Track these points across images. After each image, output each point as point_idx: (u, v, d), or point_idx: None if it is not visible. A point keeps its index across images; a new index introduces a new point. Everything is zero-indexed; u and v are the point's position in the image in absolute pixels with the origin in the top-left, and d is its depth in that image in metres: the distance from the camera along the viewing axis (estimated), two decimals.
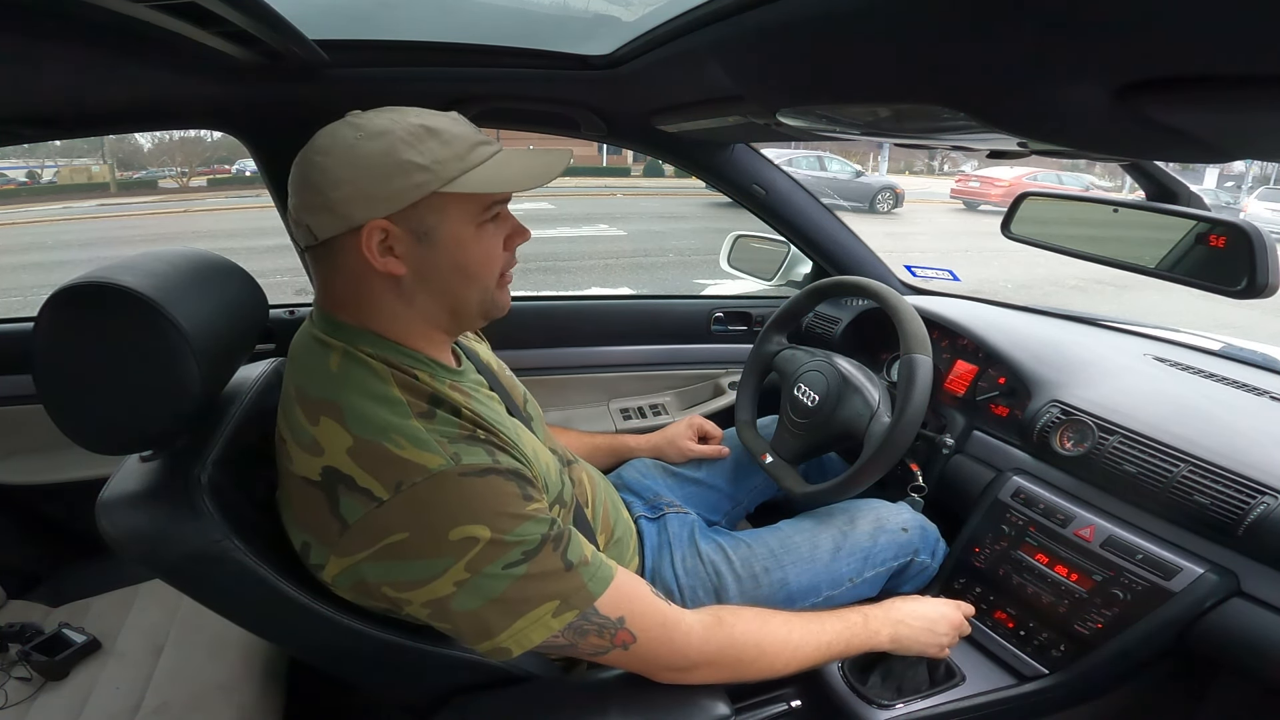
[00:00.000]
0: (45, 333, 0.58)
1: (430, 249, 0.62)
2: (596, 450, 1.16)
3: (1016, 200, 1.12)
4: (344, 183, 0.58)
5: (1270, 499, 0.79)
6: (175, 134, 16.95)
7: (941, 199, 14.39)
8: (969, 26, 0.46)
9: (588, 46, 1.04)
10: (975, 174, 13.85)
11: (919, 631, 0.85)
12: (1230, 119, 0.44)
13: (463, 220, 0.63)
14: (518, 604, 0.59)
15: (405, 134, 0.59)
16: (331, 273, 0.64)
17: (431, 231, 0.62)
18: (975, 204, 13.28)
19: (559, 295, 2.04)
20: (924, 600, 0.90)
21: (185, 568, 0.62)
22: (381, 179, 0.58)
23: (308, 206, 0.60)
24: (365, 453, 0.58)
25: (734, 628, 0.71)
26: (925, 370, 0.96)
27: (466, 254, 0.64)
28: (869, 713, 0.91)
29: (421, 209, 0.60)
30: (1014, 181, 12.64)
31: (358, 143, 0.59)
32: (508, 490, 0.60)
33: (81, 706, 0.90)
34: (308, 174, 0.60)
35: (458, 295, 0.66)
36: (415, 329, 0.66)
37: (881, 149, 19.61)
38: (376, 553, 0.58)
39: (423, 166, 0.59)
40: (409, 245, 0.62)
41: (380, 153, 0.58)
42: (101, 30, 0.64)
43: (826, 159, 12.82)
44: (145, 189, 15.23)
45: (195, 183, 15.90)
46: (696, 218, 10.42)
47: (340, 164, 0.59)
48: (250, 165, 15.73)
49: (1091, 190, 12.16)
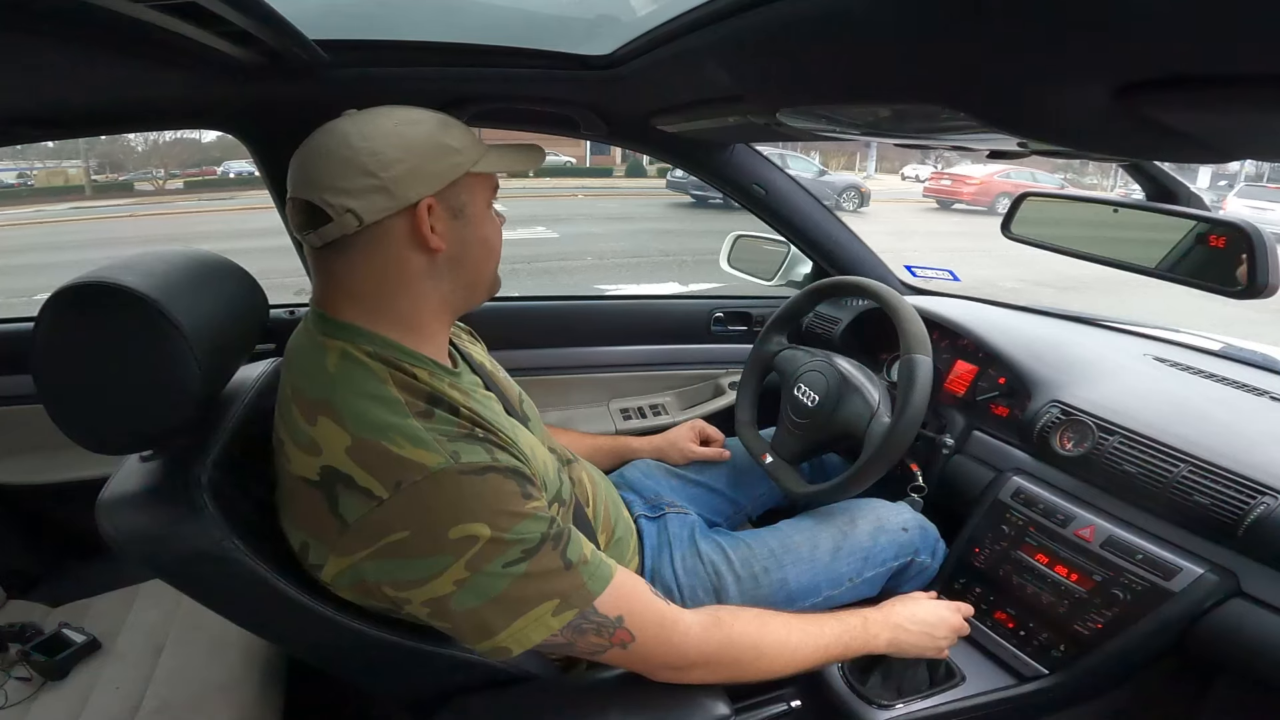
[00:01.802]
0: (45, 332, 0.57)
1: (465, 225, 0.67)
2: (598, 450, 1.16)
3: (1017, 200, 1.12)
4: (396, 163, 0.61)
5: (1270, 499, 0.79)
6: (170, 135, 16.97)
7: (917, 198, 14.27)
8: (969, 27, 0.46)
9: (588, 46, 1.03)
10: (947, 172, 13.64)
11: (917, 636, 0.86)
12: (1230, 119, 0.44)
13: (483, 200, 0.69)
14: (517, 603, 0.59)
15: (436, 122, 0.65)
16: (357, 263, 0.63)
17: (465, 208, 0.67)
18: (949, 203, 13.12)
19: (559, 295, 2.04)
20: (922, 602, 0.90)
21: (185, 568, 0.62)
22: (431, 158, 0.63)
23: (352, 191, 0.60)
24: (364, 452, 0.58)
25: (732, 628, 0.71)
26: (925, 370, 0.96)
27: (488, 230, 0.70)
28: (869, 713, 0.91)
29: (458, 188, 0.66)
30: (985, 180, 12.48)
31: (399, 128, 0.63)
32: (507, 488, 0.60)
33: (81, 706, 0.90)
34: (352, 159, 0.60)
35: (480, 269, 0.71)
36: (426, 319, 0.68)
37: (869, 149, 19.48)
38: (376, 552, 0.58)
39: (457, 149, 0.65)
40: (448, 222, 0.66)
41: (426, 135, 0.63)
42: (102, 30, 0.64)
43: (791, 158, 12.61)
44: (121, 192, 15.12)
45: (172, 185, 15.80)
46: (647, 219, 10.33)
47: (390, 146, 0.62)
48: (235, 167, 15.54)
49: (1066, 188, 12.05)
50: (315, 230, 0.62)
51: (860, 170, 21.64)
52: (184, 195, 14.84)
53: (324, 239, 0.62)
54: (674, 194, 12.29)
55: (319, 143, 0.62)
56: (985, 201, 12.67)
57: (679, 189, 11.92)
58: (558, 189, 14.28)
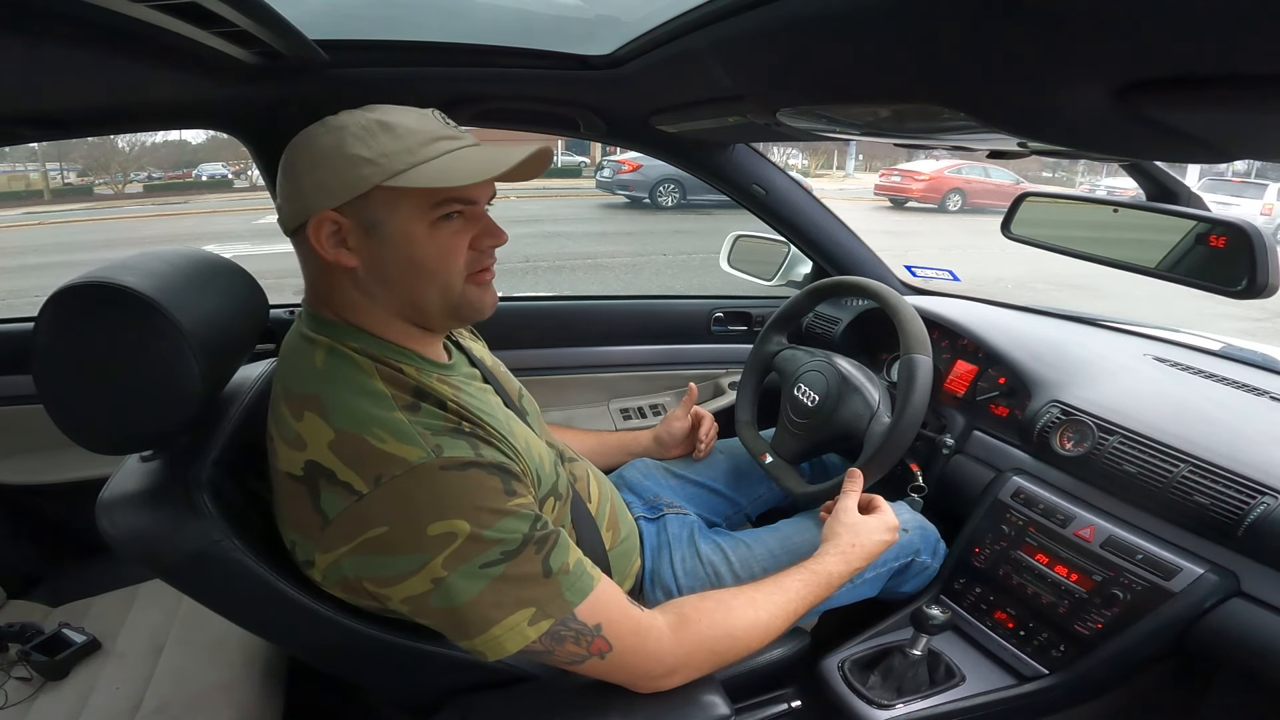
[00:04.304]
0: (45, 332, 0.58)
1: (380, 243, 0.62)
2: (603, 445, 1.16)
3: (1016, 201, 1.12)
4: (302, 174, 0.61)
5: (1270, 499, 0.79)
6: (159, 137, 16.94)
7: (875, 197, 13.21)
8: (969, 27, 0.46)
9: (588, 46, 1.04)
10: (897, 168, 12.76)
11: (861, 550, 0.85)
12: (1230, 119, 0.44)
13: (413, 216, 0.62)
14: (492, 607, 0.58)
15: (357, 128, 0.60)
16: (303, 265, 0.67)
17: (381, 225, 0.62)
18: (902, 200, 12.30)
19: (559, 295, 2.04)
20: (844, 523, 0.88)
21: (185, 568, 0.62)
22: (330, 171, 0.60)
23: (282, 199, 0.64)
24: (346, 446, 0.58)
25: (699, 624, 0.70)
26: (925, 370, 0.96)
27: (418, 250, 0.63)
28: (869, 713, 0.91)
29: (372, 202, 0.61)
30: (935, 175, 11.79)
31: (316, 137, 0.62)
32: (489, 484, 0.60)
33: (81, 706, 0.90)
34: (283, 169, 0.64)
35: (414, 291, 0.65)
36: (388, 323, 0.67)
37: (848, 147, 19.14)
38: (356, 547, 0.58)
39: (367, 160, 0.59)
40: (359, 238, 0.62)
41: (331, 146, 0.60)
42: (101, 30, 0.64)
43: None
44: (80, 196, 14.94)
45: (131, 189, 15.70)
46: (559, 220, 9.85)
47: (301, 157, 0.62)
48: (208, 169, 15.46)
49: (1022, 183, 11.43)
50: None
51: (839, 169, 21.32)
52: (145, 199, 14.66)
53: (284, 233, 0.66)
54: (605, 194, 11.44)
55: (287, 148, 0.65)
56: (934, 198, 11.80)
57: (607, 189, 11.22)
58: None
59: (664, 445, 1.16)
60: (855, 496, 0.92)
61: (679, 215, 9.99)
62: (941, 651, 1.00)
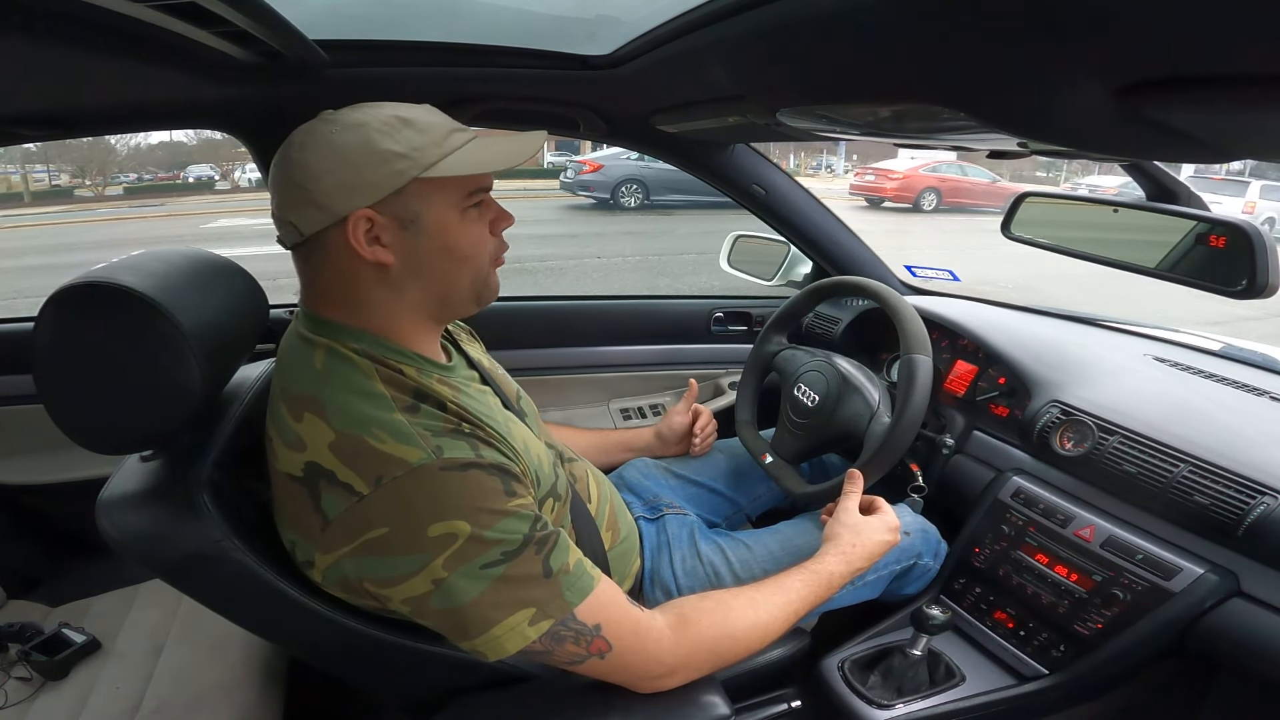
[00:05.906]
0: (46, 332, 0.58)
1: (418, 235, 0.63)
2: (604, 442, 1.16)
3: (1016, 201, 1.12)
4: (324, 174, 0.59)
5: (1270, 499, 0.79)
6: (155, 138, 16.91)
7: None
8: (969, 27, 0.46)
9: (588, 46, 1.03)
10: (871, 167, 12.49)
11: (863, 551, 0.85)
12: (1230, 119, 0.44)
13: (447, 205, 0.64)
14: (493, 608, 0.58)
15: (380, 125, 0.60)
16: (319, 269, 0.64)
17: (418, 218, 0.63)
18: (878, 200, 11.79)
19: (559, 295, 2.04)
20: (845, 524, 0.88)
21: (185, 568, 0.62)
22: (361, 169, 0.59)
23: (291, 204, 0.61)
24: (346, 447, 0.58)
25: (699, 624, 0.70)
26: (925, 370, 0.96)
27: (455, 238, 0.65)
28: (869, 713, 0.91)
29: (406, 196, 0.61)
30: (909, 174, 11.44)
31: (334, 136, 0.60)
32: (489, 485, 0.60)
33: (81, 706, 0.90)
34: (289, 172, 0.61)
35: (450, 279, 0.66)
36: (404, 321, 0.66)
37: (838, 148, 18.93)
38: (357, 548, 0.58)
39: (401, 154, 0.60)
40: (396, 233, 0.62)
41: (357, 143, 0.60)
42: (101, 30, 0.64)
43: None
44: (60, 198, 14.73)
45: (111, 192, 15.53)
46: (516, 222, 9.73)
47: (320, 158, 0.60)
48: (195, 171, 15.39)
49: (999, 182, 11.07)
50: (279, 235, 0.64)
51: (828, 169, 21.11)
52: (125, 201, 14.43)
53: (285, 244, 0.64)
54: (571, 195, 11.10)
55: (281, 148, 0.63)
56: (909, 198, 11.36)
57: (570, 190, 10.99)
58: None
59: (665, 441, 1.16)
60: (856, 497, 0.92)
61: (639, 216, 9.85)
62: (941, 651, 1.00)
